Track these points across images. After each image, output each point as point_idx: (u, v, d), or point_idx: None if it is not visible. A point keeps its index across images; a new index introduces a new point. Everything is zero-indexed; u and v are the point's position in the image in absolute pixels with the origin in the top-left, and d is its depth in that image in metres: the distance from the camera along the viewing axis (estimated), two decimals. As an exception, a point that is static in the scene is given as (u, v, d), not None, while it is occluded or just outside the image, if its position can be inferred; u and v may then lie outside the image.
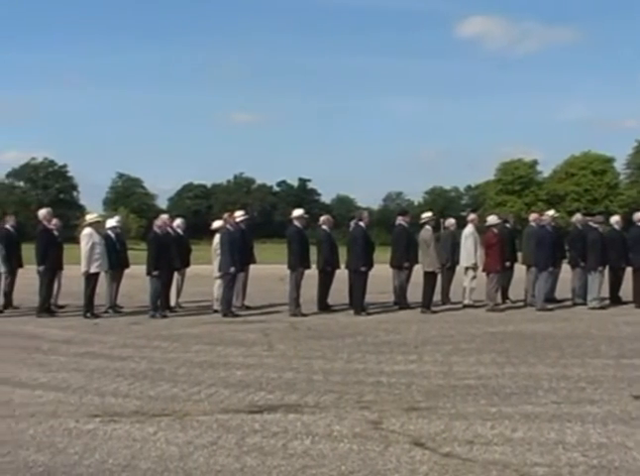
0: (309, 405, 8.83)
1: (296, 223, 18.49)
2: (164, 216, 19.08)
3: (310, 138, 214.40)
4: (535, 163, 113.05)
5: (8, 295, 19.37)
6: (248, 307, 18.99)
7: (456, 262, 20.25)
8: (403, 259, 18.99)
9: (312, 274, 18.51)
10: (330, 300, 18.80)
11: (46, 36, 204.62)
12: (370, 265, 18.24)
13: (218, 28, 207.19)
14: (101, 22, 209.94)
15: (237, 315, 17.56)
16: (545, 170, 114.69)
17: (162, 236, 17.92)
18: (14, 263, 19.24)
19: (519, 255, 21.39)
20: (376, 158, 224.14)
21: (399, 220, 19.66)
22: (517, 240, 21.69)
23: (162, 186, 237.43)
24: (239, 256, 17.86)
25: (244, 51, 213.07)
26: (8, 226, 19.81)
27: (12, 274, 19.30)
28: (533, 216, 21.15)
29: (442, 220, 25.59)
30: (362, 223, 18.67)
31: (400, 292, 19.26)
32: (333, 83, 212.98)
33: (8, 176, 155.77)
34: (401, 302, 19.21)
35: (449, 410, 8.56)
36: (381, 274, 20.09)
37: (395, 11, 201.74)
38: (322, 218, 19.42)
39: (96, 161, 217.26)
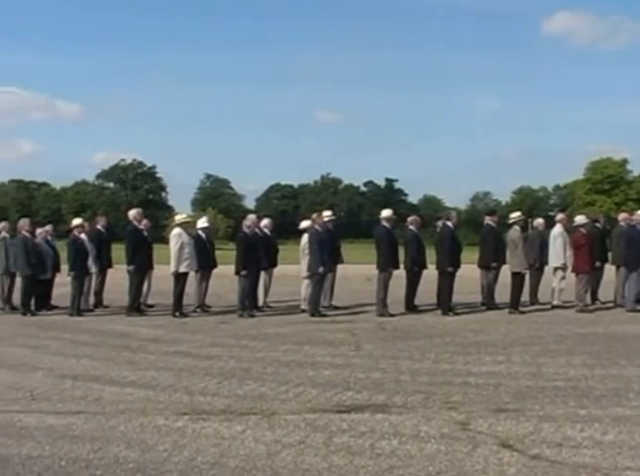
0: (397, 405, 8.81)
1: (385, 223, 18.46)
2: (253, 216, 19.22)
3: (396, 137, 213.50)
4: (625, 161, 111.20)
5: (98, 294, 19.74)
6: (335, 307, 19.02)
7: (544, 262, 19.98)
8: (491, 259, 18.80)
9: (400, 274, 18.45)
10: (417, 301, 18.72)
11: (133, 37, 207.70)
12: (457, 265, 18.11)
13: (300, 27, 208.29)
14: (187, 23, 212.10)
15: (324, 315, 17.60)
16: (635, 169, 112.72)
17: (251, 236, 18.05)
18: (104, 263, 19.60)
19: (610, 255, 21.00)
20: (463, 157, 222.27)
21: (487, 220, 19.49)
22: (607, 240, 21.29)
23: (250, 187, 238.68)
24: (327, 256, 17.89)
25: (326, 49, 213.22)
26: (99, 227, 20.20)
27: (102, 273, 19.67)
28: (623, 216, 20.72)
29: (530, 220, 25.28)
30: (449, 223, 18.56)
31: (488, 292, 19.09)
32: (419, 82, 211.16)
33: (98, 177, 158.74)
34: (489, 303, 19.03)
35: (537, 411, 8.46)
36: (469, 274, 19.94)
37: (481, 8, 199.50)
38: (410, 219, 19.34)
39: (184, 162, 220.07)
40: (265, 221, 19.73)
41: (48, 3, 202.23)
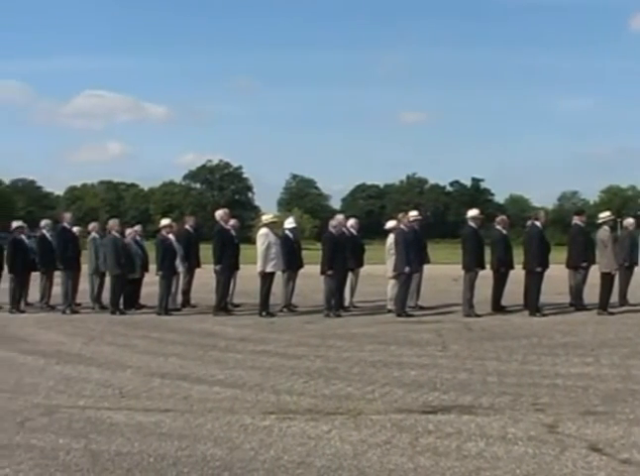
0: (483, 406, 8.73)
1: (471, 223, 18.32)
2: (340, 216, 19.22)
3: (483, 137, 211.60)
4: None
5: (186, 293, 19.96)
6: (421, 308, 18.93)
7: (634, 262, 19.63)
8: (580, 259, 18.52)
9: (487, 274, 18.29)
10: (504, 301, 18.52)
11: (219, 39, 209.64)
12: (546, 265, 17.88)
13: (385, 28, 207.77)
14: (273, 24, 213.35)
15: (411, 315, 17.53)
16: None
17: (337, 236, 18.07)
18: (193, 262, 19.82)
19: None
20: (550, 156, 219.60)
21: (575, 220, 19.21)
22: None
23: (336, 187, 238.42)
24: (413, 256, 17.81)
25: (412, 49, 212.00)
26: (188, 227, 20.45)
27: (190, 273, 19.89)
28: None
29: (619, 220, 24.85)
30: (538, 223, 18.34)
31: (576, 292, 18.81)
32: (503, 80, 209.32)
33: (185, 178, 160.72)
34: (577, 304, 18.75)
35: (627, 415, 8.30)
36: (557, 274, 19.65)
37: (565, 5, 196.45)
38: (497, 218, 19.16)
39: (271, 162, 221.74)
40: (351, 221, 19.72)
41: (135, 7, 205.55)
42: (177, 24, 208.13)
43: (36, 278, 20.27)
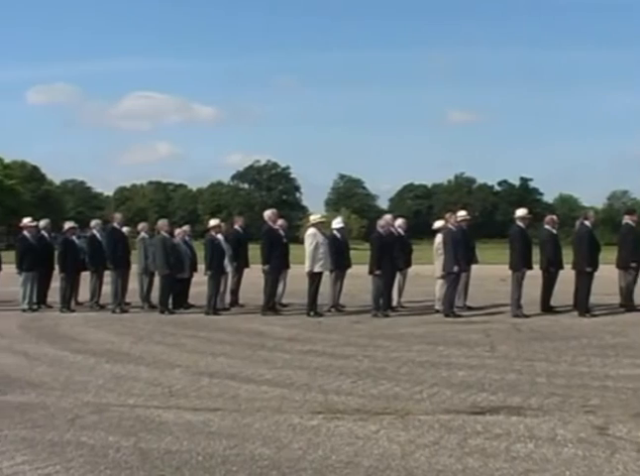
0: (532, 407, 8.67)
1: (519, 223, 18.20)
2: (388, 216, 19.20)
3: (531, 136, 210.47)
4: None
5: (235, 293, 20.04)
6: (469, 308, 18.83)
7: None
8: (630, 259, 18.31)
9: (535, 274, 18.15)
10: (553, 302, 18.37)
11: (266, 40, 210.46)
12: (595, 265, 17.70)
13: (434, 25, 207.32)
14: (318, 24, 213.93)
15: (459, 316, 17.45)
16: None
17: (385, 236, 18.04)
18: (241, 262, 19.89)
19: None
20: (599, 155, 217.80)
21: (626, 219, 19.00)
22: None
23: (384, 187, 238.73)
24: (461, 256, 17.73)
25: (460, 49, 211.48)
26: (237, 227, 20.54)
27: (239, 273, 19.97)
28: None
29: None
30: (587, 223, 18.16)
31: (627, 293, 18.59)
32: (552, 78, 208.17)
33: (233, 178, 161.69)
34: (628, 304, 18.52)
35: (680, 417, 8.20)
36: (607, 274, 19.43)
37: (613, 2, 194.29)
38: (546, 218, 19.01)
39: (318, 162, 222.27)
40: (398, 221, 19.67)
41: (182, 8, 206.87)
42: (225, 25, 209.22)
43: (86, 277, 20.48)
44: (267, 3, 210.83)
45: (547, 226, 18.55)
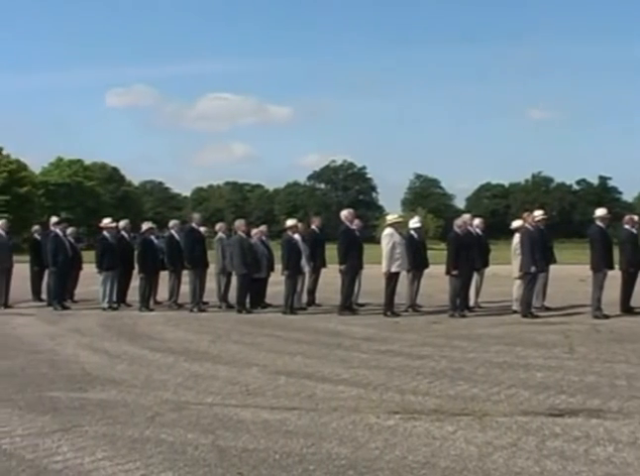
0: (612, 410, 8.53)
1: (598, 223, 17.93)
2: (466, 216, 19.14)
3: (610, 134, 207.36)
4: None
5: (312, 292, 20.12)
6: (547, 309, 18.61)
7: None
8: None
9: (615, 274, 17.87)
10: (633, 302, 18.06)
11: (340, 40, 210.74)
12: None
13: (512, 23, 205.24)
14: (392, 22, 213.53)
15: (536, 316, 17.26)
16: None
17: (462, 236, 17.96)
18: (318, 262, 19.96)
19: None
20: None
21: None
22: None
23: (460, 186, 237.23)
24: (539, 256, 17.54)
25: (539, 45, 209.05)
26: (314, 227, 20.62)
27: (316, 272, 20.04)
28: None
29: None
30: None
31: None
32: (631, 75, 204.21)
33: (310, 178, 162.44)
34: None
35: None
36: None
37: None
38: (626, 218, 18.71)
39: (394, 162, 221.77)
40: (476, 221, 19.56)
41: (256, 10, 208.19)
42: (299, 25, 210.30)
43: (164, 277, 20.75)
44: (342, 2, 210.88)
45: (626, 226, 18.26)
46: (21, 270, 22.45)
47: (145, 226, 20.71)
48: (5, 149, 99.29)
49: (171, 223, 20.96)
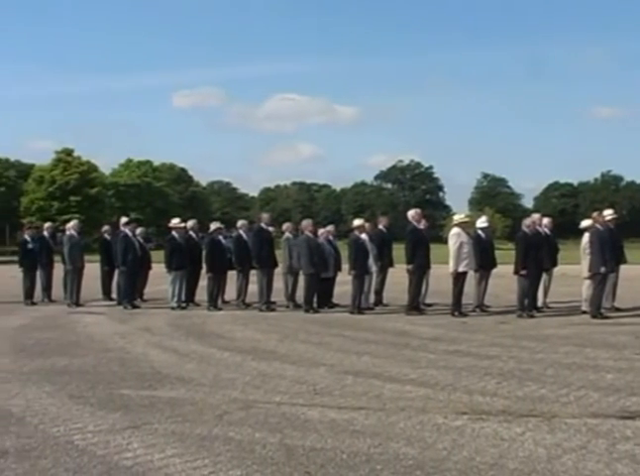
0: (685, 412, 8.41)
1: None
2: (535, 216, 19.00)
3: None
4: None
5: (379, 292, 20.12)
6: (617, 309, 18.35)
7: None
8: None
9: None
10: None
11: (406, 40, 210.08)
12: None
13: (584, 21, 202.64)
14: (459, 23, 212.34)
15: (606, 317, 17.04)
16: None
17: (531, 235, 17.80)
18: (385, 262, 19.95)
19: None
20: None
21: None
22: None
23: (528, 185, 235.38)
24: (609, 256, 17.31)
25: (608, 44, 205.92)
26: (381, 227, 20.68)
27: (383, 272, 20.03)
28: None
29: None
30: None
31: None
32: None
33: (376, 178, 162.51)
34: None
35: None
36: None
37: None
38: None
39: (461, 161, 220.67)
40: (545, 220, 19.37)
41: (322, 11, 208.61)
42: (365, 25, 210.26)
43: (232, 276, 20.89)
44: (407, 2, 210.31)
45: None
46: (92, 269, 22.83)
47: (213, 226, 20.91)
48: (76, 151, 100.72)
49: (240, 223, 21.11)
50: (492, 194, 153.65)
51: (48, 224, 24.59)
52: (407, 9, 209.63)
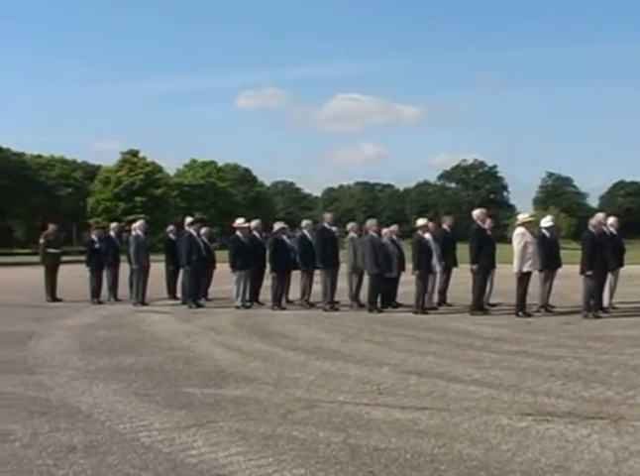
0: None
1: None
2: (600, 215, 18.77)
3: None
4: None
5: (443, 292, 20.07)
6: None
7: None
8: None
9: None
10: None
11: (469, 39, 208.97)
12: None
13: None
14: (523, 20, 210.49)
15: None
16: None
17: (597, 235, 17.61)
18: (449, 262, 19.91)
19: None
20: None
21: None
22: None
23: (593, 184, 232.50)
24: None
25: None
26: (445, 226, 20.62)
27: (447, 272, 19.99)
28: None
29: None
30: None
31: None
32: None
33: (440, 177, 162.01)
34: None
35: None
36: None
37: None
38: None
39: (525, 160, 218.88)
40: (611, 220, 19.15)
41: (383, 10, 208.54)
42: (425, 25, 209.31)
43: (296, 276, 20.97)
44: (467, 3, 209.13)
45: None
46: (157, 269, 23.08)
47: (277, 226, 21.00)
48: (141, 151, 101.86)
49: (304, 223, 21.18)
50: (557, 193, 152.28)
51: (114, 224, 24.98)
52: (465, 10, 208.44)
